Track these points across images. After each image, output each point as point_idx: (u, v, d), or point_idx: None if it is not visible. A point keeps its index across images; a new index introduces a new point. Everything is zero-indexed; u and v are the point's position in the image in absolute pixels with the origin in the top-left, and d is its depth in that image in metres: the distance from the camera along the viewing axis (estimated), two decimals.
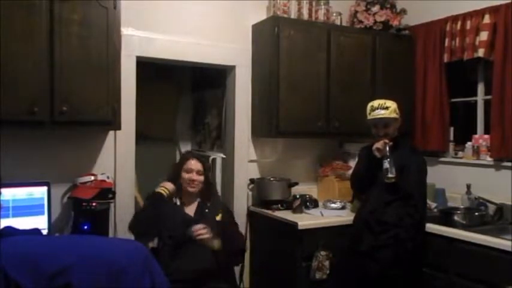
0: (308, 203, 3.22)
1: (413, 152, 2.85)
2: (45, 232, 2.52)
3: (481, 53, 3.20)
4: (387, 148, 2.67)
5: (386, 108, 2.73)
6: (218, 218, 2.69)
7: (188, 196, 2.69)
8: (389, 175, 2.64)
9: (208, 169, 2.83)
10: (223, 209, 2.80)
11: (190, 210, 2.67)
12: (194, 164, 2.70)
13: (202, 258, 2.49)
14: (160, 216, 2.55)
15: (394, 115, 2.74)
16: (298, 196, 3.22)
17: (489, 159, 3.22)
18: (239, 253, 2.78)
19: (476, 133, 3.40)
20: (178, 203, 2.68)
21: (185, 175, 2.68)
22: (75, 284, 1.43)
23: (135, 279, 1.52)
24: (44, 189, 2.58)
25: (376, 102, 2.77)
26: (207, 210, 2.68)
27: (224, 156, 3.79)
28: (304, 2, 3.37)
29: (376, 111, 2.74)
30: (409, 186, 2.67)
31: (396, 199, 2.68)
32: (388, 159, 2.65)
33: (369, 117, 2.78)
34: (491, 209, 3.04)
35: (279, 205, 3.19)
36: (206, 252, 2.51)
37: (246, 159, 3.45)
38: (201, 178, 2.68)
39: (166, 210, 2.58)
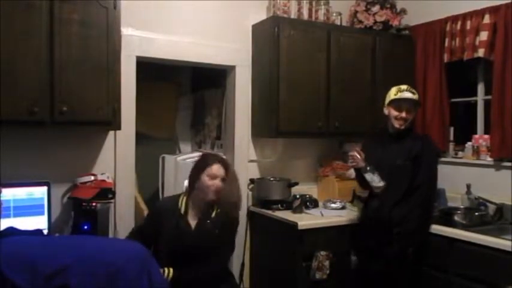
0: (308, 203, 3.22)
1: (425, 142, 2.86)
2: (45, 232, 2.52)
3: (481, 53, 3.20)
4: (360, 157, 2.72)
5: (413, 93, 2.79)
6: (217, 231, 2.45)
7: (197, 204, 2.47)
8: (376, 184, 2.67)
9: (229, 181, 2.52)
10: (227, 222, 2.50)
11: (193, 220, 2.46)
12: (219, 170, 2.44)
13: (202, 268, 2.39)
14: (159, 224, 2.43)
15: (418, 101, 2.81)
16: (298, 196, 3.22)
17: (489, 159, 3.22)
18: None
19: (476, 133, 3.39)
20: (182, 210, 2.46)
21: (208, 181, 2.41)
22: (72, 284, 1.43)
23: (133, 280, 1.52)
24: (44, 189, 2.58)
25: (403, 86, 2.80)
26: (208, 221, 2.44)
27: (223, 156, 3.80)
28: (304, 2, 3.37)
29: (404, 92, 2.76)
30: (419, 179, 2.68)
31: (404, 195, 2.69)
32: (368, 168, 2.69)
33: (393, 97, 2.77)
34: (491, 209, 3.04)
35: (279, 205, 3.19)
36: (206, 262, 2.41)
37: (246, 159, 3.45)
38: (222, 186, 2.43)
39: (167, 219, 2.43)
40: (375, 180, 2.69)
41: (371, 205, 2.86)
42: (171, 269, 2.30)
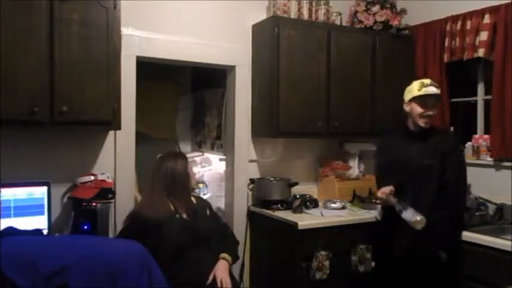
0: (308, 203, 3.22)
1: (450, 137, 2.79)
2: (45, 232, 2.52)
3: (481, 53, 3.20)
4: (391, 199, 2.55)
5: (437, 87, 2.63)
6: (208, 212, 2.71)
7: (181, 200, 2.61)
8: (416, 219, 2.45)
9: None
10: (207, 205, 2.79)
11: (184, 212, 2.59)
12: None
13: (204, 262, 2.47)
14: (156, 225, 2.46)
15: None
16: (298, 196, 3.22)
17: (489, 159, 3.22)
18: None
19: (476, 133, 3.40)
20: (172, 208, 2.56)
21: (194, 171, 2.73)
22: (72, 284, 1.43)
23: (133, 280, 1.52)
24: (44, 189, 2.58)
25: (426, 80, 2.64)
26: (196, 210, 2.64)
27: (223, 156, 3.80)
28: (304, 2, 3.37)
29: (429, 87, 2.59)
30: (447, 177, 2.56)
31: (435, 195, 2.56)
32: (401, 206, 2.50)
33: (417, 93, 2.61)
34: (491, 209, 3.04)
35: (279, 205, 3.19)
36: (208, 256, 2.51)
37: (246, 159, 3.45)
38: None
39: (161, 219, 2.49)
40: (415, 216, 2.46)
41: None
42: None
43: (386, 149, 2.86)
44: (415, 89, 2.65)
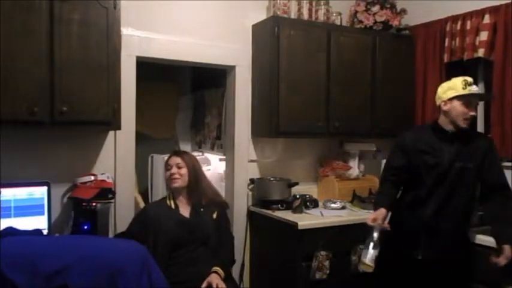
0: (308, 203, 3.22)
1: (484, 137, 2.64)
2: (45, 232, 2.52)
3: (481, 53, 3.20)
4: (375, 229, 2.37)
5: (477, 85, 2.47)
6: (214, 216, 2.67)
7: (180, 196, 2.67)
8: (369, 264, 2.33)
9: (193, 164, 2.70)
10: (219, 210, 2.72)
11: (186, 211, 2.64)
12: (172, 159, 2.69)
13: (201, 262, 2.49)
14: (155, 220, 2.54)
15: None
16: (298, 196, 3.22)
17: None
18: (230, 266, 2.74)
19: None
20: (172, 206, 2.65)
21: (167, 172, 2.69)
22: (72, 284, 1.43)
23: (133, 280, 1.52)
24: (44, 189, 2.58)
25: (468, 78, 2.44)
26: (202, 210, 2.64)
27: (223, 156, 3.80)
28: (304, 2, 3.37)
29: (473, 86, 2.40)
30: (494, 178, 2.43)
31: (467, 201, 2.47)
32: (374, 244, 2.34)
33: (462, 92, 2.41)
34: None
35: (279, 205, 3.19)
36: (205, 258, 2.51)
37: (246, 159, 3.45)
38: (182, 171, 2.64)
39: (161, 214, 2.57)
40: (369, 260, 2.32)
41: (422, 212, 2.50)
42: None
43: (410, 149, 2.59)
44: (458, 86, 2.43)
